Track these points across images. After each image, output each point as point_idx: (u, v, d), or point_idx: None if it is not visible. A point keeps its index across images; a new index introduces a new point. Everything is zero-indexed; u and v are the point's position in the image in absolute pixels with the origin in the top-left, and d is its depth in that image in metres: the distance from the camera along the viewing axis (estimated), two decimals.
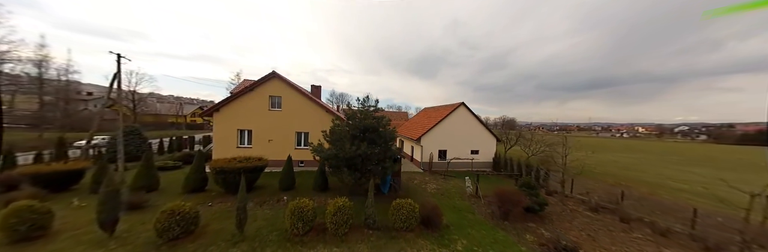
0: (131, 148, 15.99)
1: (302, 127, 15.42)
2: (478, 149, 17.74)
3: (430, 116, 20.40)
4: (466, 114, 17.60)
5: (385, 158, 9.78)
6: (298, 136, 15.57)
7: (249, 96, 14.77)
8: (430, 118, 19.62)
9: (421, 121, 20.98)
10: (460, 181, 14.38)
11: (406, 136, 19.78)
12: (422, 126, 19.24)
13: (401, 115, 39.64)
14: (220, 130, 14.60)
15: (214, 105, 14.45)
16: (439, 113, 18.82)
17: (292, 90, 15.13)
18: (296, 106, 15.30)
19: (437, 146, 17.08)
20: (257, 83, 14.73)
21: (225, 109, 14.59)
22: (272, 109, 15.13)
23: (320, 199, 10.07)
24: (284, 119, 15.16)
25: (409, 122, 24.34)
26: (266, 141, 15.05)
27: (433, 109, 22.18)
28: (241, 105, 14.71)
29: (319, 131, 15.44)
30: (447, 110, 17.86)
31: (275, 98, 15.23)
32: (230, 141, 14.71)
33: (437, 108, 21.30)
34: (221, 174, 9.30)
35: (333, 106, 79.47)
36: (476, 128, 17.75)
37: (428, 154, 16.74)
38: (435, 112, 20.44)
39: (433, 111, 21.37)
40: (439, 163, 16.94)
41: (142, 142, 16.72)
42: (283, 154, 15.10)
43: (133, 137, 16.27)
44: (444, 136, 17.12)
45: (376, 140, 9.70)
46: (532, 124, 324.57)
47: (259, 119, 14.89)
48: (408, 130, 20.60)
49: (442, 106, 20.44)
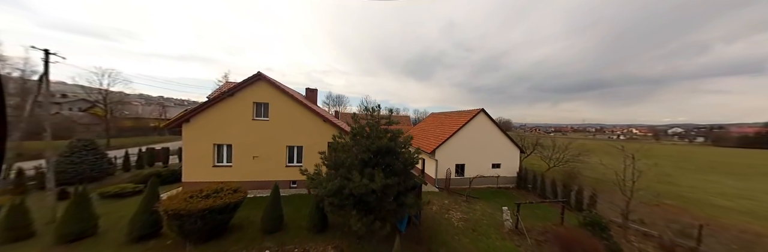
0: (85, 166, 13.02)
1: (294, 140, 12.74)
2: (499, 162, 15.31)
3: (442, 124, 17.93)
4: (486, 122, 15.19)
5: (405, 190, 7.21)
6: (290, 151, 12.87)
7: (228, 103, 12.03)
8: (442, 126, 17.15)
9: (431, 129, 18.50)
10: (486, 204, 11.89)
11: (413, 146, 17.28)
12: (434, 135, 16.76)
13: (403, 119, 37.12)
14: (192, 146, 11.79)
15: (183, 114, 11.66)
16: (454, 121, 16.37)
17: (281, 95, 12.47)
18: (287, 114, 12.63)
19: (454, 160, 14.59)
20: (238, 87, 12.01)
21: (197, 119, 11.80)
22: (257, 119, 12.42)
23: (317, 245, 7.43)
24: (272, 131, 12.46)
25: (417, 129, 21.81)
26: (250, 158, 12.30)
27: (444, 116, 19.72)
28: (219, 114, 11.95)
29: (314, 145, 12.81)
30: (464, 118, 15.41)
31: (261, 105, 12.53)
32: (204, 159, 11.90)
33: (450, 114, 18.83)
34: (177, 219, 6.55)
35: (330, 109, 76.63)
36: (498, 138, 15.35)
37: (445, 170, 14.22)
38: (448, 119, 17.98)
39: (446, 117, 18.91)
40: (457, 179, 14.45)
41: (99, 159, 13.73)
42: (270, 173, 12.39)
43: (86, 153, 13.28)
44: (462, 148, 14.65)
45: (393, 166, 7.13)
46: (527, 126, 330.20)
47: (240, 131, 12.15)
48: (416, 140, 18.08)
49: (456, 113, 17.99)
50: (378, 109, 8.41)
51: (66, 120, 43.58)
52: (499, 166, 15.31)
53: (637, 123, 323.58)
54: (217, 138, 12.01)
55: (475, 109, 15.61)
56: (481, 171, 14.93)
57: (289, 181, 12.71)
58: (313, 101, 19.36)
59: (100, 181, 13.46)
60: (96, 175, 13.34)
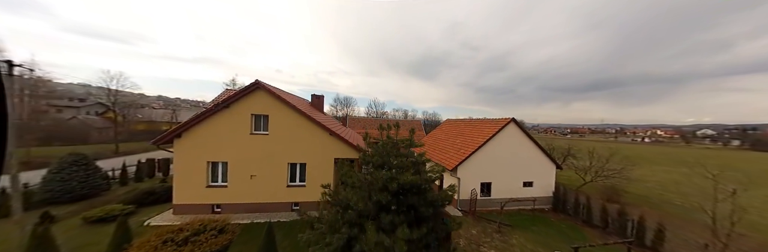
0: (74, 184, 12.00)
1: (297, 157, 11.24)
2: (532, 180, 13.26)
3: (461, 133, 15.99)
4: (517, 133, 13.16)
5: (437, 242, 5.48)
6: (292, 169, 11.37)
7: (224, 115, 10.68)
8: (462, 137, 15.22)
9: (449, 139, 16.59)
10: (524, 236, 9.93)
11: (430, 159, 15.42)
12: (453, 147, 14.85)
13: (415, 124, 35.03)
14: (183, 164, 10.49)
15: (174, 129, 10.38)
16: (478, 131, 14.41)
17: (282, 105, 11.00)
18: (289, 127, 11.15)
19: (479, 178, 12.67)
20: (235, 97, 10.63)
21: (190, 134, 10.50)
22: (256, 133, 11.00)
23: None
24: (272, 146, 11.01)
25: (431, 138, 19.93)
26: (247, 177, 10.89)
27: (463, 124, 17.72)
28: (213, 128, 10.61)
29: (319, 162, 11.27)
30: (490, 128, 13.43)
31: (260, 118, 11.11)
32: (197, 178, 10.59)
33: (472, 122, 16.79)
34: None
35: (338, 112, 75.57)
36: (531, 152, 13.30)
37: (469, 190, 12.32)
38: (468, 128, 16.01)
39: (465, 126, 16.92)
40: (483, 200, 12.53)
41: (91, 175, 12.71)
42: (269, 194, 10.93)
43: (76, 169, 12.27)
44: (488, 163, 12.71)
45: (419, 209, 5.41)
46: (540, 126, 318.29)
47: (237, 147, 10.77)
48: (432, 151, 16.22)
49: (479, 121, 15.98)
50: (396, 128, 6.70)
51: (82, 124, 44.39)
52: (531, 185, 13.27)
53: (658, 123, 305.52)
54: (212, 155, 10.67)
55: (503, 118, 13.60)
56: (511, 190, 12.94)
57: (290, 204, 11.21)
58: (319, 108, 17.92)
59: (92, 199, 12.44)
60: (87, 192, 12.32)
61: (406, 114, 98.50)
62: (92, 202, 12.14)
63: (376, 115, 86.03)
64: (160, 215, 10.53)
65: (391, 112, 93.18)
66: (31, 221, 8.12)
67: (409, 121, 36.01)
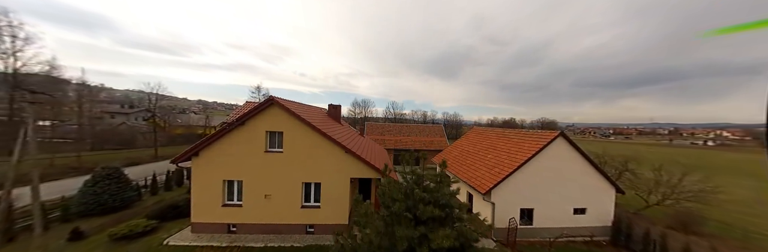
0: (106, 197, 12.55)
1: (311, 176, 10.58)
2: (584, 207, 11.26)
3: (494, 147, 14.28)
4: (567, 150, 11.20)
5: None
6: (306, 188, 10.74)
7: (239, 132, 10.37)
8: (496, 151, 13.54)
9: (479, 153, 14.93)
10: None
11: (456, 175, 13.95)
12: (483, 163, 13.24)
13: (435, 130, 33.11)
14: (201, 182, 10.35)
15: (191, 147, 10.26)
16: (515, 145, 12.65)
17: (297, 122, 10.42)
18: (303, 145, 10.54)
19: (519, 203, 10.97)
20: (250, 114, 10.27)
21: (207, 153, 10.33)
22: (270, 151, 10.55)
23: None
24: (286, 165, 10.47)
25: (456, 149, 18.34)
26: (262, 196, 10.45)
27: (496, 135, 15.86)
28: (229, 145, 10.35)
29: (334, 182, 10.50)
30: (533, 144, 11.60)
31: (274, 135, 10.63)
32: (213, 197, 10.38)
33: (507, 134, 14.79)
34: None
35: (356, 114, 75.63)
36: (584, 173, 11.27)
37: (506, 218, 10.67)
38: (502, 141, 14.24)
39: (498, 137, 15.10)
40: (525, 229, 10.81)
41: (122, 187, 13.26)
42: (283, 215, 10.38)
43: (108, 182, 12.85)
44: (530, 186, 10.97)
45: None
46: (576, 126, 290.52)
47: (252, 165, 10.39)
48: (459, 168, 14.70)
49: (516, 133, 14.11)
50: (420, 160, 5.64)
51: (130, 129, 48.98)
52: (583, 212, 11.28)
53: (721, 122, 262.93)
54: (227, 173, 10.40)
55: (549, 131, 11.68)
56: (558, 218, 11.09)
57: (304, 226, 10.58)
58: (336, 118, 17.31)
59: (123, 211, 12.94)
60: (118, 205, 12.83)
61: (424, 115, 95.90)
62: (122, 214, 12.62)
63: (393, 115, 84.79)
64: (180, 233, 10.48)
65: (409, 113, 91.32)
66: (56, 243, 8.26)
67: (430, 127, 34.26)
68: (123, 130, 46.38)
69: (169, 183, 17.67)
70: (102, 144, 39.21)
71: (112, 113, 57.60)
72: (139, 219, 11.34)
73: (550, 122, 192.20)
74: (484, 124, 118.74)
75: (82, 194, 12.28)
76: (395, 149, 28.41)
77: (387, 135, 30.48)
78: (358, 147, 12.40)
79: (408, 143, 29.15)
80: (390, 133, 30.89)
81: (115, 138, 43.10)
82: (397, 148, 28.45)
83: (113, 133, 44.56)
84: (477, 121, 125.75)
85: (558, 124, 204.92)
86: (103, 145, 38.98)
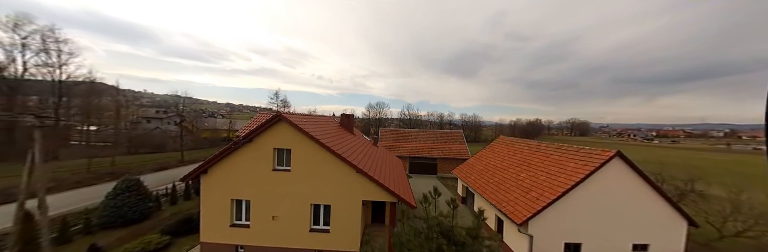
0: (126, 209, 12.82)
1: (321, 197, 9.87)
2: (646, 242, 9.38)
3: (528, 163, 12.67)
4: (625, 172, 9.31)
5: None
6: (315, 210, 10.05)
7: (247, 149, 9.94)
8: (531, 170, 11.96)
9: (509, 170, 13.34)
10: None
11: (482, 194, 12.56)
12: (518, 184, 11.67)
13: (454, 137, 31.23)
14: (209, 201, 10.07)
15: (200, 166, 9.99)
16: (556, 164, 11.03)
17: (305, 139, 9.78)
18: (312, 163, 9.87)
19: (563, 236, 9.29)
20: (257, 131, 9.80)
21: (216, 170, 10.02)
22: (278, 169, 10.00)
23: None
24: (294, 184, 9.86)
25: (480, 162, 16.80)
26: (269, 217, 9.92)
27: (529, 148, 14.07)
28: (237, 163, 9.96)
29: (345, 204, 9.69)
30: (580, 163, 9.89)
31: (282, 152, 10.09)
32: (222, 216, 10.04)
33: (545, 149, 12.87)
34: None
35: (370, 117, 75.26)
36: (647, 200, 9.35)
37: None
38: (538, 156, 12.58)
39: (531, 151, 13.42)
40: None
41: (142, 200, 13.52)
42: (292, 238, 9.77)
43: (129, 194, 13.13)
44: (577, 216, 9.27)
45: None
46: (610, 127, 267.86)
47: (259, 184, 9.92)
48: (485, 186, 13.22)
49: (556, 148, 12.31)
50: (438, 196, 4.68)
51: (162, 133, 52.31)
52: (645, 249, 9.41)
53: None
54: (235, 192, 10.01)
55: (602, 150, 9.77)
56: None
57: (314, 251, 9.86)
58: (349, 128, 16.63)
59: (141, 224, 13.16)
60: (137, 217, 13.06)
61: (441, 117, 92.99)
62: (140, 227, 12.81)
63: (408, 116, 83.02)
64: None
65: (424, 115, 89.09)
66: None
67: (448, 133, 32.44)
68: (156, 135, 49.63)
69: (188, 191, 18.02)
70: (137, 148, 42.16)
71: (148, 118, 62.15)
72: (153, 234, 11.35)
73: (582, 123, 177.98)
74: (506, 125, 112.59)
75: (104, 207, 12.64)
76: (410, 157, 27.24)
77: (401, 141, 29.35)
78: (372, 163, 11.53)
79: (424, 151, 27.84)
80: (405, 139, 29.72)
81: (149, 142, 46.22)
82: (412, 155, 27.26)
83: (147, 137, 47.83)
84: (499, 122, 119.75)
85: (591, 125, 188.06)
86: (137, 149, 41.89)
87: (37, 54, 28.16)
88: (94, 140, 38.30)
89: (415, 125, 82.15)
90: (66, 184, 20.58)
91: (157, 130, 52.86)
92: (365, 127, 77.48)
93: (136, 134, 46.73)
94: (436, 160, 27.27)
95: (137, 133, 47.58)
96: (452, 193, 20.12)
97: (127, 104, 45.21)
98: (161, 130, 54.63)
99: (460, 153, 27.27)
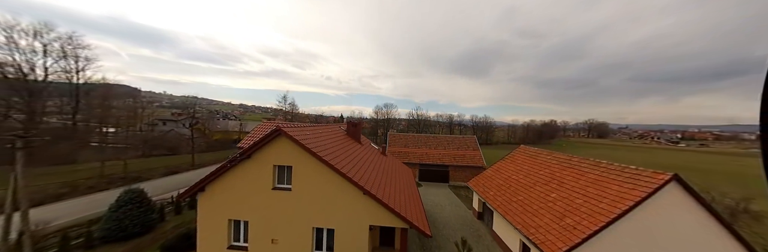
0: (127, 222, 12.46)
1: (323, 220, 9.00)
2: None
3: (558, 180, 11.31)
4: (685, 202, 7.85)
5: None
6: (318, 234, 9.19)
7: (246, 166, 9.22)
8: (563, 189, 10.61)
9: (535, 187, 12.00)
10: None
11: (503, 215, 11.31)
12: (547, 205, 10.35)
13: (467, 142, 29.58)
14: (206, 221, 9.42)
15: (196, 183, 9.36)
16: (593, 183, 9.68)
17: (307, 155, 8.93)
18: (315, 181, 9.03)
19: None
20: (256, 146, 9.06)
21: (213, 188, 9.36)
22: (278, 187, 9.22)
23: None
24: (295, 205, 9.05)
25: (501, 176, 15.45)
26: (268, 240, 9.15)
27: (558, 162, 12.61)
28: (236, 180, 9.27)
29: (350, 229, 8.76)
30: (627, 189, 8.48)
31: (283, 170, 9.30)
32: (219, 237, 9.38)
33: (575, 163, 11.51)
34: None
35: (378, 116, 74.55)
36: (706, 232, 7.86)
37: None
38: (570, 173, 11.18)
39: (560, 166, 12.02)
40: None
41: (144, 212, 13.16)
42: None
43: (131, 207, 12.78)
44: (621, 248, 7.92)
45: None
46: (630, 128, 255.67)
47: (258, 204, 9.17)
48: (508, 206, 11.90)
49: (593, 165, 10.76)
50: None
51: (176, 136, 53.51)
52: None
53: None
54: (233, 212, 9.31)
55: (653, 172, 8.33)
56: None
57: None
58: (356, 137, 15.73)
59: (143, 237, 12.78)
60: (139, 230, 12.68)
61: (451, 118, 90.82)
62: (142, 240, 12.42)
63: (416, 116, 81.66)
64: None
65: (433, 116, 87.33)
66: None
67: (460, 138, 30.88)
68: (171, 137, 50.81)
69: (193, 199, 17.69)
70: (151, 150, 43.17)
71: (164, 120, 63.98)
72: (152, 251, 10.87)
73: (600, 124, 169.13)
74: (520, 126, 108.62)
75: (106, 219, 12.32)
76: (420, 164, 26.03)
77: (411, 147, 28.17)
78: (381, 182, 10.56)
79: (435, 157, 26.56)
80: (414, 144, 28.52)
81: (163, 144, 47.33)
82: (422, 162, 26.04)
83: (162, 139, 49.02)
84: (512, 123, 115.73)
85: (609, 125, 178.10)
86: (151, 152, 42.88)
87: (57, 61, 29.15)
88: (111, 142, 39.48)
89: (423, 126, 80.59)
90: (80, 190, 20.84)
91: (172, 133, 54.14)
92: (373, 128, 76.89)
93: (151, 137, 47.96)
94: (448, 167, 25.94)
95: (152, 136, 48.85)
96: (466, 205, 18.85)
97: (144, 106, 46.51)
98: (176, 132, 55.92)
99: (474, 160, 25.83)
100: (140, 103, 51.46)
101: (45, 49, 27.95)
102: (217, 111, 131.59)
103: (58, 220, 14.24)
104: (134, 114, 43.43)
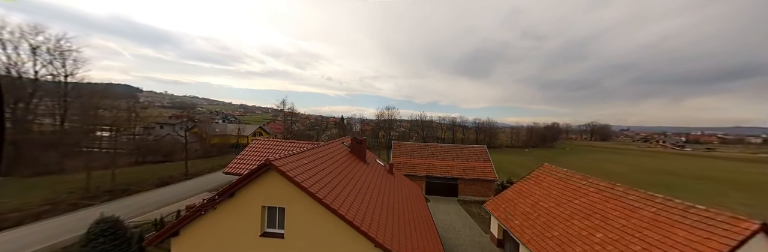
0: None
1: None
2: None
3: (602, 214, 9.58)
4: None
5: None
6: None
7: (228, 206, 7.54)
8: (609, 227, 8.90)
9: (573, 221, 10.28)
10: None
11: None
12: (590, 246, 8.69)
13: (477, 153, 27.54)
14: None
15: (169, 227, 7.69)
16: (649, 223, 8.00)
17: (303, 195, 7.24)
18: (314, 225, 7.35)
19: None
20: (240, 183, 7.37)
21: (189, 231, 7.69)
22: (268, 233, 7.54)
23: None
24: None
25: (527, 201, 13.68)
26: None
27: (597, 191, 10.78)
28: (216, 223, 7.59)
29: None
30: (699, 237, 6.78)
31: (273, 212, 7.61)
32: None
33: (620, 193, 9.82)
34: None
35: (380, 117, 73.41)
36: None
37: None
38: (615, 205, 9.48)
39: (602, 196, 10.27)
40: None
41: (117, 245, 11.49)
42: None
43: (104, 240, 11.12)
44: None
45: None
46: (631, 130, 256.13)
47: None
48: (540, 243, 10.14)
49: (639, 196, 9.08)
50: None
51: (172, 140, 51.80)
52: None
53: None
54: None
55: (732, 216, 6.71)
56: None
57: None
58: (361, 156, 14.03)
59: None
60: None
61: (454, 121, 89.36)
62: None
63: (419, 117, 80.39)
64: None
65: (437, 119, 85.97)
66: None
67: (470, 148, 28.97)
68: (167, 142, 49.17)
69: None
70: (144, 156, 41.53)
71: (161, 124, 62.32)
72: None
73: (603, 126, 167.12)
74: (524, 128, 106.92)
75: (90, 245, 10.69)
76: (427, 176, 24.31)
77: (417, 157, 26.42)
78: (392, 218, 8.86)
79: (443, 169, 24.82)
80: (420, 155, 26.76)
81: (159, 149, 45.66)
82: (430, 174, 24.32)
83: (158, 144, 47.38)
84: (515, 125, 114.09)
85: (611, 127, 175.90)
86: (145, 158, 41.24)
87: (45, 66, 27.62)
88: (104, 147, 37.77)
89: (426, 127, 79.19)
90: (61, 208, 19.23)
91: (168, 137, 52.49)
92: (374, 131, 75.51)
93: (145, 142, 46.29)
94: (457, 180, 24.21)
95: (147, 141, 47.18)
96: (481, 226, 17.12)
97: (145, 106, 44.83)
98: (172, 136, 54.27)
99: (485, 173, 24.08)
100: (135, 106, 49.76)
101: (34, 51, 26.47)
102: (217, 112, 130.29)
103: (32, 247, 12.80)
104: (129, 116, 41.50)
